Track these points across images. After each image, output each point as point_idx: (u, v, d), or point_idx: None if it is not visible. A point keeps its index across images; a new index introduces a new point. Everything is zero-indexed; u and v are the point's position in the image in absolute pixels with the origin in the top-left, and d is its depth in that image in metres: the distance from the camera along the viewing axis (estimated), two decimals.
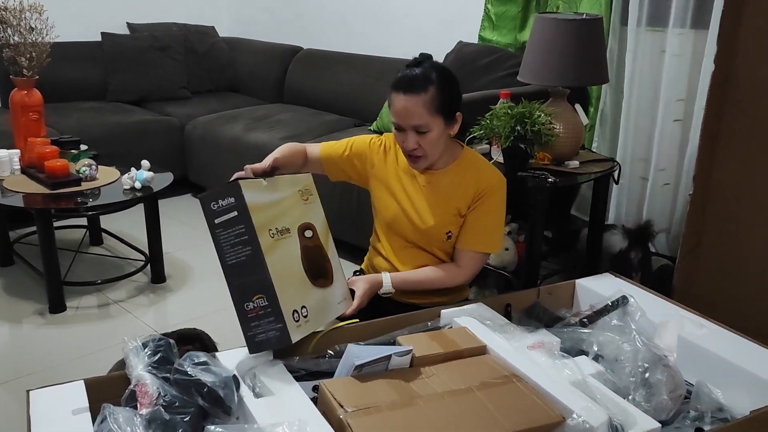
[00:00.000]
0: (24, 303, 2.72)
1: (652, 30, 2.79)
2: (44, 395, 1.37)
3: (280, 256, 1.44)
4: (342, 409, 1.31)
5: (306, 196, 1.60)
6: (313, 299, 1.52)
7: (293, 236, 1.50)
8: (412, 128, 1.66)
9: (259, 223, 1.39)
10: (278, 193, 1.51)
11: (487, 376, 1.48)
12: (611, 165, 2.43)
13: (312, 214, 1.60)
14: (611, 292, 1.88)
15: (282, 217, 1.49)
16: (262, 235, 1.39)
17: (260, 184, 1.46)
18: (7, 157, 2.79)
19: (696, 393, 1.53)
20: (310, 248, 1.55)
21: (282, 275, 1.42)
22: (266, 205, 1.44)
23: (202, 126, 3.90)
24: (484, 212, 1.77)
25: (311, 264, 1.54)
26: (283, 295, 1.40)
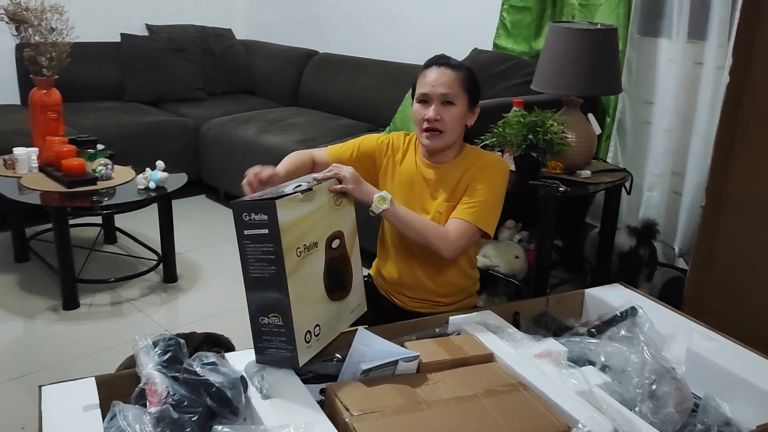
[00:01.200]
0: (38, 299, 2.75)
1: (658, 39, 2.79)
2: (56, 391, 1.39)
3: (304, 274, 1.43)
4: (348, 412, 1.32)
5: (340, 200, 1.59)
6: (328, 315, 1.52)
7: (320, 250, 1.49)
8: (439, 98, 1.71)
9: (288, 244, 1.38)
10: (313, 204, 1.48)
11: (494, 384, 1.48)
12: (623, 175, 2.42)
13: (342, 219, 1.58)
14: (620, 302, 1.88)
15: (312, 231, 1.47)
16: (288, 256, 1.37)
17: (296, 199, 1.43)
18: (26, 155, 2.83)
19: (703, 406, 1.52)
20: (335, 259, 1.54)
21: (302, 295, 1.42)
22: (298, 222, 1.42)
23: (217, 128, 3.93)
24: (482, 186, 1.75)
25: (332, 277, 1.53)
26: (298, 317, 1.40)
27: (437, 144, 1.76)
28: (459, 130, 1.77)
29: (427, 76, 1.75)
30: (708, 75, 2.66)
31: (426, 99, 1.74)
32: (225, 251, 3.31)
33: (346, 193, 1.60)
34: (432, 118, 1.72)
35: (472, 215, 1.74)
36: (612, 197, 2.50)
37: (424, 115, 1.73)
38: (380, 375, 1.46)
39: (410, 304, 1.90)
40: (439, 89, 1.72)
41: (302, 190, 1.46)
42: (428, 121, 1.72)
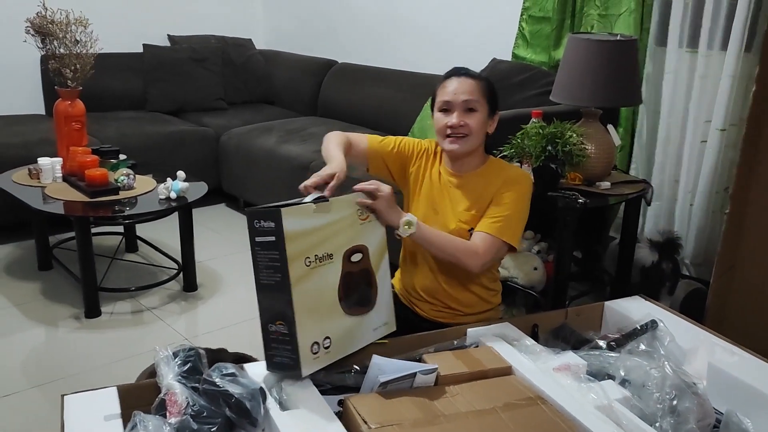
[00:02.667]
0: (60, 307, 2.79)
1: (691, 51, 2.76)
2: (78, 400, 1.41)
3: (314, 285, 1.43)
4: (366, 425, 1.32)
5: (366, 214, 1.58)
6: (342, 329, 1.51)
7: (335, 262, 1.49)
8: (461, 105, 1.74)
9: (295, 252, 1.39)
10: (329, 216, 1.48)
11: (512, 397, 1.47)
12: (643, 186, 2.41)
13: (367, 234, 1.58)
14: (641, 315, 1.86)
15: (327, 242, 1.47)
16: (294, 264, 1.38)
17: (309, 209, 1.44)
18: (50, 165, 2.87)
19: (725, 422, 1.50)
20: (354, 274, 1.53)
21: (309, 305, 1.42)
22: (309, 232, 1.42)
23: (237, 137, 3.97)
24: (506, 201, 1.77)
25: (349, 291, 1.52)
26: (304, 327, 1.40)
27: (461, 148, 1.77)
28: (481, 136, 1.80)
29: (448, 86, 1.77)
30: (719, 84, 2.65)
31: (448, 107, 1.76)
32: (245, 260, 3.30)
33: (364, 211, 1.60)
34: (456, 124, 1.74)
35: (499, 229, 1.75)
36: (632, 209, 2.48)
37: (447, 122, 1.75)
38: (398, 387, 1.46)
39: (431, 313, 1.90)
40: (461, 97, 1.74)
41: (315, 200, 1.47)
42: (452, 127, 1.75)
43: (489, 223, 1.76)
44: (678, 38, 2.76)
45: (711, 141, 2.64)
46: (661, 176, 2.87)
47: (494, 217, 1.76)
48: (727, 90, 2.58)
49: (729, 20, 2.59)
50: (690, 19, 2.73)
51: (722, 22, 2.63)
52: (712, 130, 2.64)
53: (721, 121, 2.60)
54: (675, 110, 2.81)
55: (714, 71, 2.67)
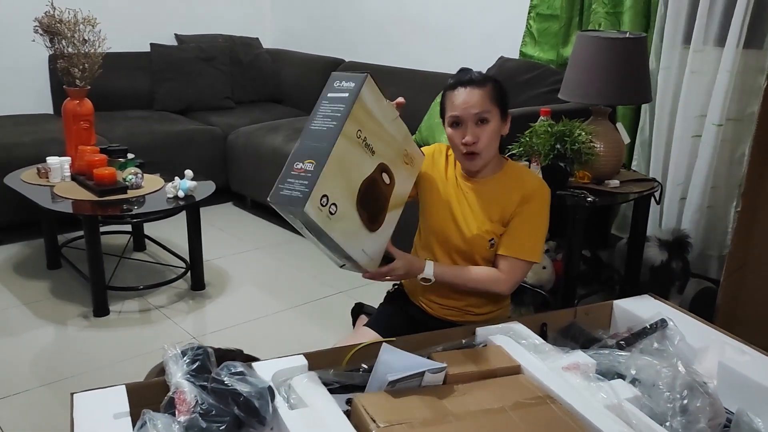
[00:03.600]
0: (69, 305, 2.80)
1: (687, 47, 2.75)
2: (87, 398, 1.41)
3: (352, 155, 1.49)
4: (374, 423, 1.32)
5: (408, 161, 1.65)
6: (348, 214, 1.51)
7: (373, 160, 1.55)
8: (473, 117, 1.71)
9: (356, 117, 1.47)
10: (389, 125, 1.56)
11: (521, 397, 1.47)
12: (652, 185, 2.39)
13: (401, 174, 1.63)
14: (650, 314, 1.85)
15: (377, 139, 1.53)
16: (351, 124, 1.46)
17: (384, 102, 1.54)
18: (59, 164, 2.88)
19: (736, 422, 1.49)
20: (378, 185, 1.57)
21: (341, 166, 1.46)
22: (372, 115, 1.51)
23: (245, 136, 3.97)
24: (527, 218, 1.77)
25: (367, 193, 1.55)
26: (327, 177, 1.43)
27: (477, 165, 1.76)
28: (496, 144, 1.77)
29: (456, 99, 1.73)
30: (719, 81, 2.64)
31: (459, 121, 1.73)
32: (253, 259, 3.33)
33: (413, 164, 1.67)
34: (470, 141, 1.71)
35: (522, 251, 1.77)
36: (641, 207, 2.46)
37: (462, 140, 1.72)
38: (407, 386, 1.46)
39: (440, 312, 1.89)
40: (472, 110, 1.71)
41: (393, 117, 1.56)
42: (466, 145, 1.72)
43: (512, 244, 1.77)
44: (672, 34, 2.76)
45: (706, 136, 2.63)
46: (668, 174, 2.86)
47: (516, 238, 1.77)
48: (725, 85, 2.56)
49: (725, 17, 2.58)
50: (686, 15, 2.73)
51: (718, 18, 2.62)
52: (707, 125, 2.62)
53: (718, 116, 2.59)
54: (673, 106, 2.80)
55: (707, 67, 2.66)
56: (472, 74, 1.77)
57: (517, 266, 1.77)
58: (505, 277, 1.77)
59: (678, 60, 2.77)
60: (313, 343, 1.72)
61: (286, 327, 2.69)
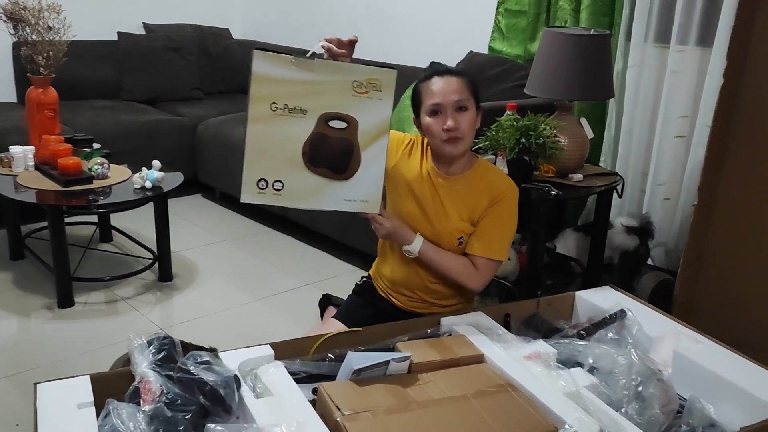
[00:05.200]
0: (33, 297, 2.77)
1: (660, 47, 2.81)
2: (51, 389, 1.41)
3: (275, 129, 1.51)
4: (339, 411, 1.34)
5: (366, 89, 1.57)
6: (300, 180, 1.56)
7: (308, 119, 1.53)
8: (453, 104, 1.73)
9: (260, 94, 1.49)
10: (310, 75, 1.51)
11: (483, 385, 1.50)
12: (615, 179, 2.45)
13: (362, 109, 1.57)
14: (610, 305, 1.90)
15: (303, 98, 1.52)
16: (257, 105, 1.49)
17: (287, 60, 1.50)
18: (22, 153, 2.84)
19: (689, 408, 1.55)
20: (328, 137, 1.56)
21: (264, 145, 1.52)
22: (281, 81, 1.49)
23: (214, 127, 3.95)
24: (496, 219, 1.81)
25: (317, 150, 1.56)
26: (252, 162, 1.52)
27: (459, 150, 1.77)
28: (473, 135, 1.80)
29: (435, 88, 1.75)
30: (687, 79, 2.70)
31: (439, 109, 1.74)
32: (221, 250, 3.32)
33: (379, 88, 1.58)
34: (452, 126, 1.72)
35: (493, 251, 1.82)
36: (603, 201, 2.52)
37: (443, 126, 1.73)
38: (372, 375, 1.48)
39: (408, 304, 1.92)
40: (452, 97, 1.73)
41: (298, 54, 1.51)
42: (448, 130, 1.73)
43: (483, 245, 1.81)
44: (644, 33, 2.81)
45: (698, 137, 2.68)
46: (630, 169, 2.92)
47: (488, 239, 1.81)
48: (715, 87, 2.61)
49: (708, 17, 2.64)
50: (659, 14, 2.78)
51: (698, 18, 2.67)
52: (699, 126, 2.68)
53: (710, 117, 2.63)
54: (646, 104, 2.86)
55: (688, 67, 2.71)
56: (446, 66, 1.81)
57: (488, 266, 1.82)
58: (479, 275, 1.82)
59: (649, 58, 2.81)
60: (281, 335, 1.73)
61: (253, 318, 2.69)
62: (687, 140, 2.75)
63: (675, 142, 2.78)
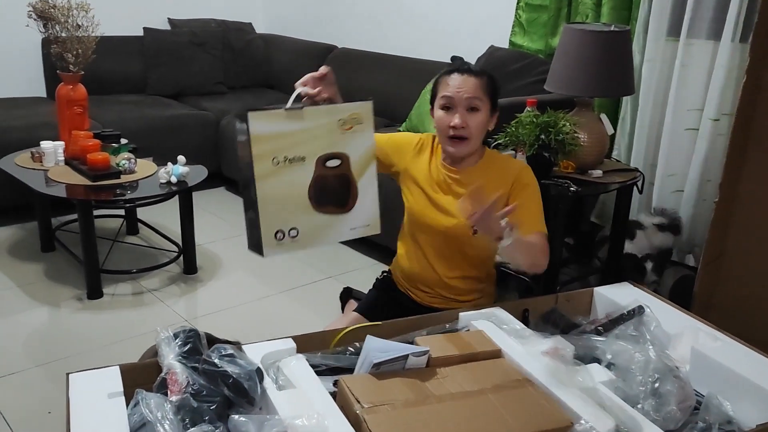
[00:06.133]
0: (63, 288, 2.84)
1: (672, 40, 2.79)
2: (82, 378, 1.46)
3: (282, 181, 1.55)
4: (359, 404, 1.37)
5: (350, 125, 1.63)
6: (311, 223, 1.61)
7: (308, 165, 1.59)
8: (464, 104, 1.73)
9: (262, 152, 1.53)
10: (304, 123, 1.57)
11: (501, 380, 1.52)
12: (634, 175, 2.45)
13: (350, 143, 1.64)
14: (628, 301, 1.91)
15: (300, 146, 1.57)
16: (260, 163, 1.52)
17: (279, 114, 1.54)
18: (52, 148, 2.91)
19: (705, 404, 1.55)
20: (328, 177, 1.62)
21: (275, 198, 1.55)
22: (279, 135, 1.54)
23: None
24: (527, 199, 1.81)
25: (321, 192, 1.62)
26: (267, 215, 1.54)
27: (463, 151, 1.79)
28: (482, 136, 1.80)
29: (451, 83, 1.76)
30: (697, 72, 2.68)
31: (450, 105, 1.75)
32: (244, 243, 3.35)
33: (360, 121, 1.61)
34: (459, 125, 1.74)
35: (542, 226, 1.81)
36: (623, 197, 2.52)
37: (450, 123, 1.75)
38: (391, 369, 1.51)
39: (426, 299, 1.94)
40: (465, 95, 1.73)
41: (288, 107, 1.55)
42: (454, 128, 1.75)
43: (532, 224, 1.79)
44: (661, 27, 2.79)
45: (702, 130, 2.67)
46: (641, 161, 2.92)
47: (532, 217, 1.80)
48: (721, 80, 2.61)
49: (719, 11, 2.62)
50: (673, 7, 2.76)
51: (709, 13, 2.65)
52: (704, 119, 2.67)
53: (713, 111, 2.63)
54: (658, 98, 2.84)
55: (697, 60, 2.70)
56: (469, 64, 1.81)
57: (546, 240, 1.81)
58: (547, 251, 1.80)
59: (663, 52, 2.81)
60: (303, 327, 1.77)
61: (276, 311, 2.74)
62: (696, 133, 2.74)
63: (685, 135, 2.76)
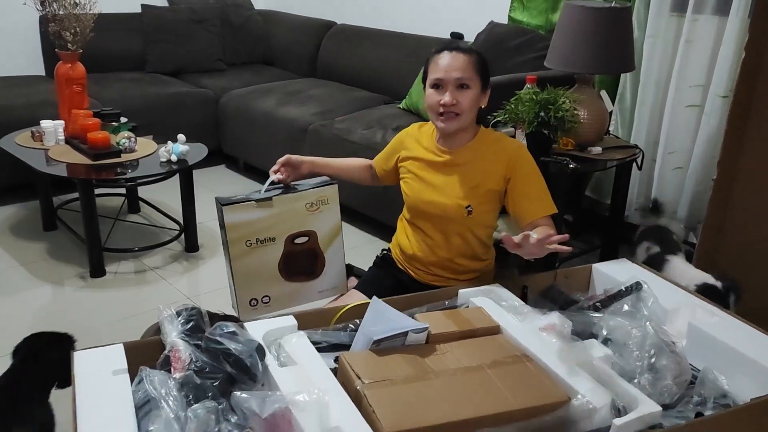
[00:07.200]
0: (66, 266, 2.86)
1: (676, 15, 2.77)
2: (87, 356, 1.48)
3: (254, 259, 1.82)
4: (359, 380, 1.39)
5: (317, 206, 1.86)
6: (282, 291, 1.87)
7: (278, 244, 1.84)
8: (454, 81, 1.74)
9: (236, 237, 1.78)
10: (272, 210, 1.82)
11: (499, 356, 1.54)
12: (634, 151, 2.45)
13: (317, 221, 1.88)
14: (626, 277, 1.92)
15: (270, 229, 1.82)
16: (235, 245, 1.79)
17: (250, 206, 1.79)
18: (53, 127, 2.91)
19: (701, 379, 1.57)
20: (296, 253, 1.87)
21: (248, 273, 1.82)
22: (250, 222, 1.80)
23: (237, 99, 3.99)
24: (527, 179, 1.82)
25: (290, 265, 1.88)
26: (242, 287, 1.83)
27: (453, 126, 1.79)
28: (473, 113, 1.81)
29: (440, 62, 1.77)
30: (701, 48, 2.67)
31: (440, 84, 1.76)
32: None
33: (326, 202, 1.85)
34: (448, 102, 1.74)
35: (546, 207, 1.82)
36: (623, 174, 2.52)
37: (440, 101, 1.75)
38: (391, 345, 1.53)
39: (426, 278, 1.96)
40: (454, 74, 1.74)
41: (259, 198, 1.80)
42: (444, 105, 1.75)
43: (535, 207, 1.81)
44: (663, 2, 2.77)
45: (710, 108, 2.65)
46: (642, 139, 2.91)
47: (534, 201, 1.81)
48: (729, 57, 2.58)
49: None
50: None
51: None
52: (711, 96, 2.65)
53: (723, 88, 2.61)
54: (660, 74, 2.83)
55: (703, 36, 2.68)
56: (458, 42, 1.81)
57: (550, 223, 1.82)
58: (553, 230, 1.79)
59: (666, 28, 2.79)
60: (304, 304, 1.80)
61: None
62: (699, 110, 2.72)
63: (687, 112, 2.75)
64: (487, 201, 1.85)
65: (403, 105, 3.46)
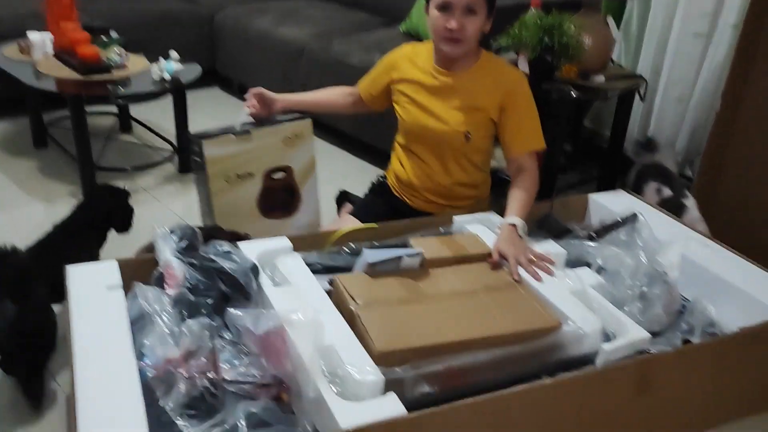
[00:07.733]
0: (58, 184, 2.83)
1: None
2: (81, 271, 1.49)
3: (233, 196, 1.83)
4: (354, 301, 1.41)
5: (293, 141, 1.89)
6: (259, 228, 1.86)
7: (255, 180, 1.86)
8: (462, 6, 1.70)
9: (215, 171, 1.79)
10: (250, 144, 1.84)
11: (492, 281, 1.56)
12: (637, 81, 2.40)
13: (293, 156, 1.91)
14: (623, 208, 1.93)
15: (248, 163, 1.83)
16: (215, 181, 1.79)
17: (228, 139, 1.80)
18: (41, 39, 2.81)
19: (690, 308, 1.60)
20: (274, 188, 1.89)
21: (228, 211, 1.84)
22: (228, 157, 1.80)
23: (232, 17, 3.86)
24: (520, 112, 1.81)
25: (268, 201, 1.90)
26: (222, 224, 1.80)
27: (457, 51, 1.76)
28: (477, 38, 1.78)
29: None
30: None
31: (448, 6, 1.71)
32: None
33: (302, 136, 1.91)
34: (456, 28, 1.71)
35: (535, 143, 1.83)
36: (624, 104, 2.48)
37: (447, 25, 1.72)
38: (385, 269, 1.54)
39: (422, 206, 1.95)
40: None
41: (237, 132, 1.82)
42: (450, 30, 1.72)
43: (523, 142, 1.82)
44: None
45: (720, 37, 2.58)
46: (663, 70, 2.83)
47: (524, 135, 1.81)
48: None
49: None
50: None
51: None
52: (722, 25, 2.57)
53: (734, 17, 2.52)
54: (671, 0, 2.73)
55: None
56: None
57: (534, 158, 1.84)
58: (534, 173, 1.83)
59: None
60: None
61: None
62: (705, 39, 2.64)
63: (692, 40, 2.67)
64: (484, 127, 1.82)
65: (402, 28, 3.37)
